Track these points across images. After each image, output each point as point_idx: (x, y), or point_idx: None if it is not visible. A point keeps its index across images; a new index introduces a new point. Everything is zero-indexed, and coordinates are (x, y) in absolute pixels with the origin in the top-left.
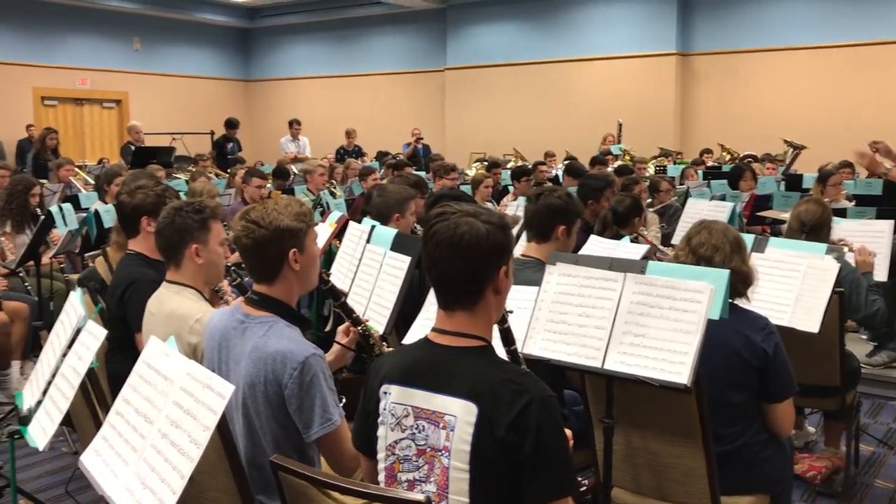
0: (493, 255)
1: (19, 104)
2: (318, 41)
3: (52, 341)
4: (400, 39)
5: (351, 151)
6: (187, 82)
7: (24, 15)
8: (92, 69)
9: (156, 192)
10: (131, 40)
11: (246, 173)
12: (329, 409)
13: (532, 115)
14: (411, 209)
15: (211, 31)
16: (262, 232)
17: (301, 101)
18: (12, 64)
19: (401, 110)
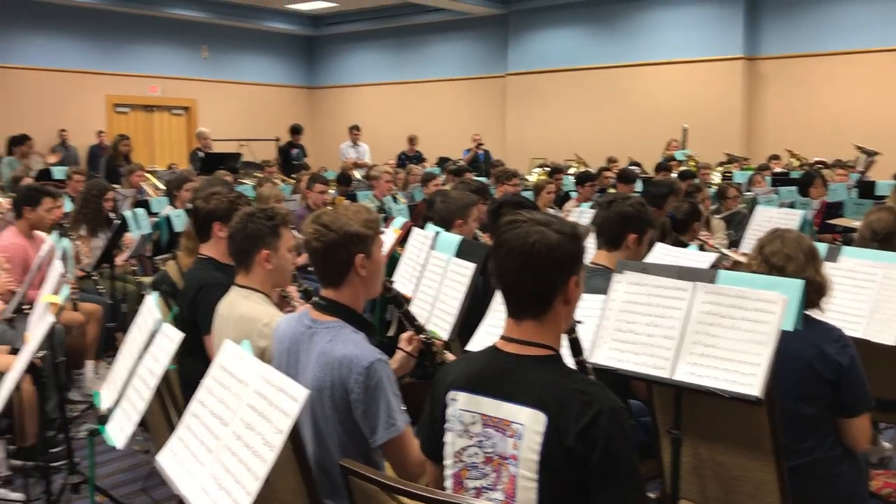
0: (564, 264)
1: (93, 111)
2: (380, 48)
3: (128, 343)
4: (461, 46)
5: (412, 157)
6: (253, 89)
7: (98, 24)
8: (162, 77)
9: (229, 199)
10: (200, 49)
11: (309, 179)
12: (394, 414)
13: (593, 120)
14: (474, 215)
15: (276, 40)
16: (332, 236)
17: (363, 107)
18: (87, 72)
19: (461, 116)
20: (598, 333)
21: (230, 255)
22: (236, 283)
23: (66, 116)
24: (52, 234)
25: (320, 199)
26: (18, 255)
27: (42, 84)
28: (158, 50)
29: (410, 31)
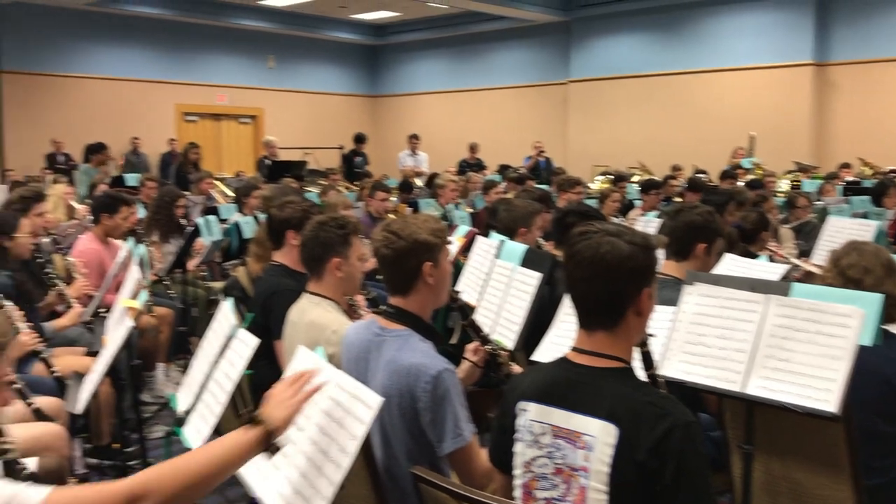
0: (635, 275)
1: (163, 120)
2: (442, 57)
3: (204, 348)
4: (523, 53)
5: (473, 165)
6: (318, 98)
7: (169, 35)
8: (230, 86)
9: (302, 208)
10: (266, 58)
11: (371, 187)
12: (461, 424)
13: (657, 127)
14: (537, 224)
15: (340, 49)
16: (401, 243)
17: (424, 115)
18: (157, 82)
19: (522, 123)
20: (668, 346)
21: (302, 263)
22: (308, 290)
23: (138, 125)
24: (128, 241)
25: (382, 207)
26: (95, 260)
27: (115, 93)
28: (226, 60)
29: (472, 39)
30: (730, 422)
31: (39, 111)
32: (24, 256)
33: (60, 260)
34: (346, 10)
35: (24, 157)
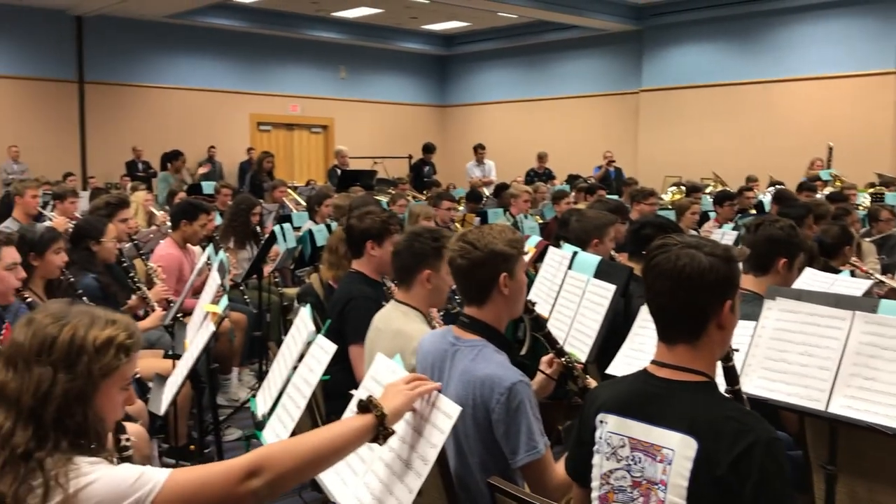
0: (717, 288)
1: (238, 129)
2: (511, 66)
3: (283, 353)
4: (593, 62)
5: (541, 174)
6: (387, 108)
7: (245, 47)
8: (302, 96)
9: (381, 219)
10: (338, 69)
11: (436, 196)
12: (535, 436)
13: (732, 137)
14: (610, 235)
15: (410, 59)
16: (477, 254)
17: (493, 125)
18: (233, 92)
19: (592, 133)
20: (747, 361)
21: (393, 272)
22: (396, 298)
23: (214, 134)
24: (208, 247)
25: (448, 216)
26: (173, 265)
27: (193, 103)
28: (299, 70)
29: (542, 48)
30: (812, 441)
31: (120, 120)
32: (110, 260)
33: (141, 264)
34: (416, 20)
35: (105, 164)
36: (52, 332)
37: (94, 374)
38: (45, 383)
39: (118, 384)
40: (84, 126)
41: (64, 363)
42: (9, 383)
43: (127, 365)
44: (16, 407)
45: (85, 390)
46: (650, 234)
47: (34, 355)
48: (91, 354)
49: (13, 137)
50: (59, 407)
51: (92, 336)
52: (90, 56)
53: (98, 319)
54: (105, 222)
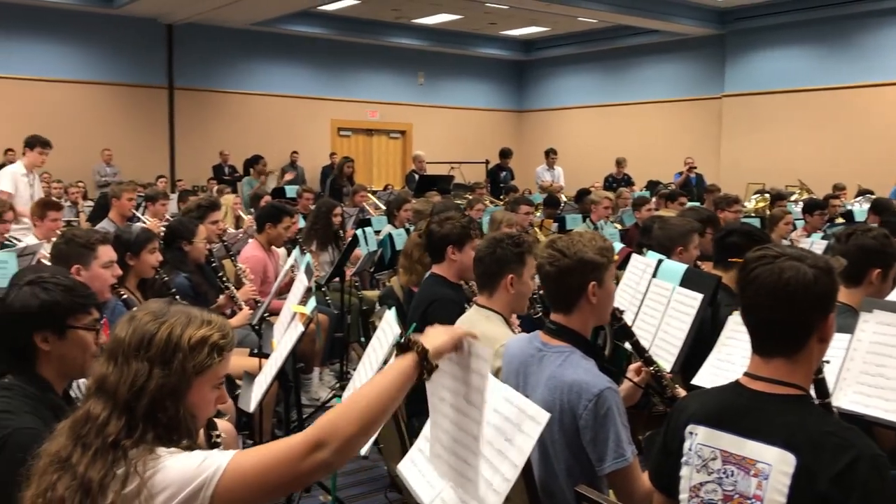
0: (821, 302)
1: (319, 135)
2: (590, 71)
3: (368, 355)
4: (674, 67)
5: (620, 180)
6: (465, 113)
7: (326, 54)
8: (381, 102)
9: (461, 224)
10: (416, 75)
11: (512, 202)
12: (622, 444)
13: (817, 144)
14: (695, 243)
15: (488, 65)
16: (567, 261)
17: (571, 130)
18: (315, 98)
19: (673, 139)
20: (842, 375)
21: (475, 277)
22: (478, 303)
23: (296, 139)
24: (294, 250)
25: (525, 221)
26: (259, 266)
27: (277, 109)
28: (378, 77)
29: (621, 53)
30: None
31: (207, 125)
32: (200, 260)
33: (230, 265)
34: (495, 26)
35: (193, 168)
36: (150, 329)
37: (188, 371)
38: (140, 377)
39: (211, 382)
40: (173, 130)
41: (160, 359)
42: (109, 376)
43: (220, 364)
44: (112, 398)
45: (178, 386)
46: (737, 242)
47: (133, 350)
48: (186, 352)
49: (106, 141)
50: (152, 400)
51: (188, 335)
52: (179, 63)
53: (194, 319)
54: (196, 223)
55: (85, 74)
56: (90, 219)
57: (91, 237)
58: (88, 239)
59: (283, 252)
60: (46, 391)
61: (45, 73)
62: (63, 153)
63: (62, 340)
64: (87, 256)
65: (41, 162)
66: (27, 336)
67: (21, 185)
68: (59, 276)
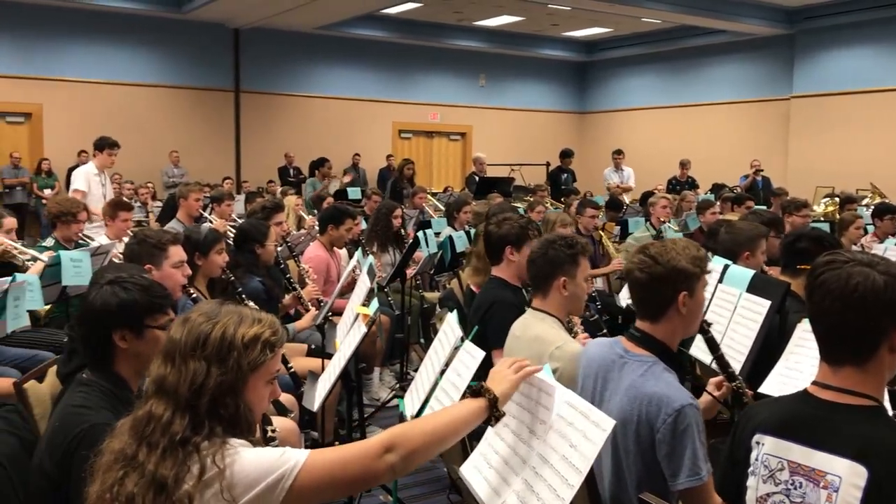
0: (891, 309)
1: (381, 137)
2: (653, 72)
3: (430, 357)
4: (740, 68)
5: (683, 183)
6: (525, 115)
7: (389, 57)
8: (442, 105)
9: (520, 225)
10: (477, 77)
11: (579, 204)
12: (699, 462)
13: (890, 146)
14: (762, 248)
15: (549, 66)
16: (659, 269)
17: (633, 131)
18: (377, 101)
19: (738, 140)
20: None
21: (529, 279)
22: (532, 305)
23: (358, 141)
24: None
25: (591, 224)
26: (321, 267)
27: (339, 111)
28: (439, 79)
29: (686, 53)
30: None
31: (271, 127)
32: (270, 263)
33: (294, 265)
34: (557, 27)
35: (257, 170)
36: (205, 329)
37: (244, 368)
38: (199, 376)
39: (264, 378)
40: (239, 133)
41: (216, 358)
42: (167, 377)
43: (272, 360)
44: (174, 398)
45: (235, 383)
46: (806, 247)
47: (189, 351)
48: (240, 350)
49: (174, 143)
50: (213, 398)
51: (241, 333)
52: (245, 66)
53: (246, 318)
54: (267, 226)
55: (155, 78)
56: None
57: (162, 237)
58: (160, 239)
59: (344, 253)
60: (122, 388)
61: (116, 76)
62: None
63: (139, 339)
64: (158, 256)
65: (111, 163)
66: (106, 333)
67: (93, 184)
68: (137, 276)
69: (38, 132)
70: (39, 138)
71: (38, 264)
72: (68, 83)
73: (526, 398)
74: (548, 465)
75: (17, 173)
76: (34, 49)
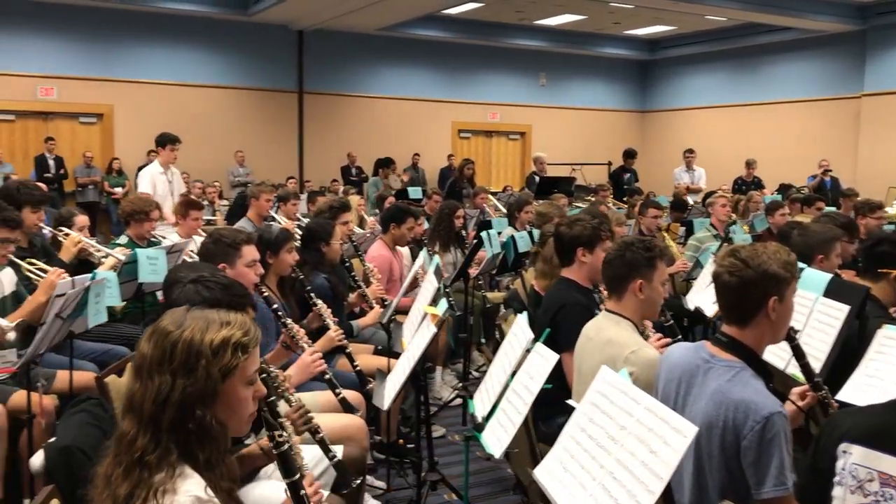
0: None
1: (441, 137)
2: (718, 70)
3: (500, 358)
4: (809, 65)
5: (750, 183)
6: (585, 114)
7: (449, 57)
8: (501, 104)
9: (592, 225)
10: (538, 76)
11: (642, 204)
12: (785, 472)
13: None
14: (836, 251)
15: (611, 65)
16: (749, 273)
17: (697, 130)
18: (437, 101)
19: (806, 140)
20: None
21: (604, 280)
22: (606, 308)
23: (419, 141)
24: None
25: (653, 224)
26: (384, 266)
27: (399, 111)
28: (499, 78)
29: (752, 51)
30: None
31: (333, 128)
32: (336, 261)
33: (359, 264)
34: (619, 26)
35: (319, 169)
36: (171, 340)
37: (214, 375)
38: (164, 390)
39: (242, 381)
40: (302, 133)
41: (183, 369)
42: (135, 393)
43: (247, 361)
44: (139, 414)
45: (205, 392)
46: (888, 251)
47: (156, 365)
48: (208, 357)
49: (239, 143)
50: (179, 411)
51: (208, 339)
52: (308, 67)
53: (213, 323)
54: (333, 225)
55: (221, 79)
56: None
57: (237, 237)
58: (234, 239)
59: (406, 252)
60: None
61: (184, 78)
62: (200, 154)
63: None
64: (232, 255)
65: (174, 158)
66: None
67: (159, 183)
68: (218, 275)
69: (110, 132)
70: (111, 138)
71: (111, 260)
72: (138, 84)
73: (604, 401)
74: (627, 471)
75: (89, 172)
76: (106, 51)
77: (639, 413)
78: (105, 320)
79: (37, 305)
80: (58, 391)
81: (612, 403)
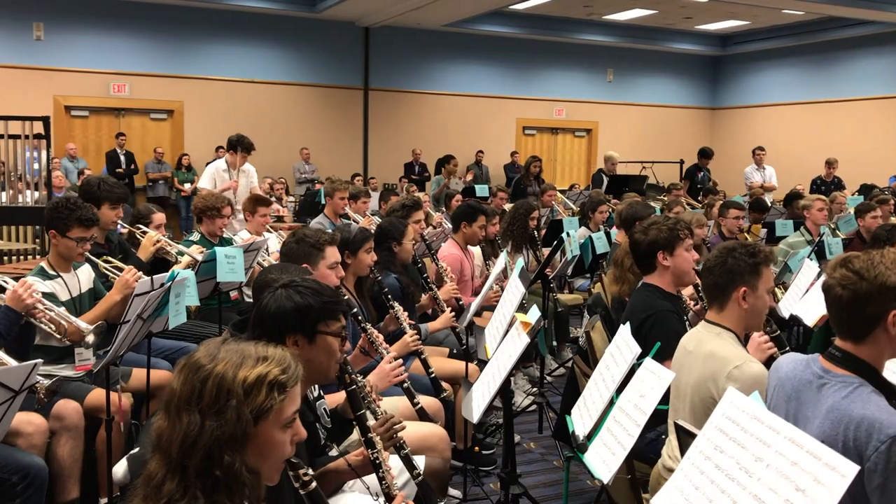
0: None
1: (505, 133)
2: (794, 66)
3: (601, 372)
4: (891, 60)
5: (829, 183)
6: (654, 111)
7: (514, 53)
8: (567, 100)
9: (668, 227)
10: (605, 72)
11: (722, 205)
12: None
13: None
14: None
15: (680, 60)
16: (865, 285)
17: (770, 128)
18: (500, 97)
19: (889, 138)
20: None
21: (704, 289)
22: (706, 318)
23: (483, 138)
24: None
25: (735, 226)
26: (455, 265)
27: (464, 108)
28: (565, 74)
29: (830, 46)
30: None
31: (398, 125)
32: (407, 261)
33: (431, 264)
34: (690, 20)
35: (384, 166)
36: (201, 375)
37: (245, 418)
38: (192, 432)
39: (277, 424)
40: (367, 130)
41: (212, 409)
42: (164, 432)
43: (284, 402)
44: (167, 456)
45: (235, 436)
46: None
47: (185, 403)
48: (240, 397)
49: (305, 140)
50: (206, 456)
51: (241, 377)
52: (374, 64)
53: (248, 358)
54: (405, 224)
55: (287, 76)
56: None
57: (320, 237)
58: (318, 239)
59: (477, 251)
60: None
61: (252, 74)
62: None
63: (311, 345)
64: (315, 256)
65: (242, 162)
66: (280, 338)
67: (219, 181)
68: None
69: (180, 128)
70: (180, 134)
71: (187, 258)
72: (208, 81)
73: (733, 428)
74: None
75: (160, 168)
76: (177, 48)
77: (779, 444)
78: (185, 321)
79: (112, 304)
80: (133, 390)
81: (743, 431)
